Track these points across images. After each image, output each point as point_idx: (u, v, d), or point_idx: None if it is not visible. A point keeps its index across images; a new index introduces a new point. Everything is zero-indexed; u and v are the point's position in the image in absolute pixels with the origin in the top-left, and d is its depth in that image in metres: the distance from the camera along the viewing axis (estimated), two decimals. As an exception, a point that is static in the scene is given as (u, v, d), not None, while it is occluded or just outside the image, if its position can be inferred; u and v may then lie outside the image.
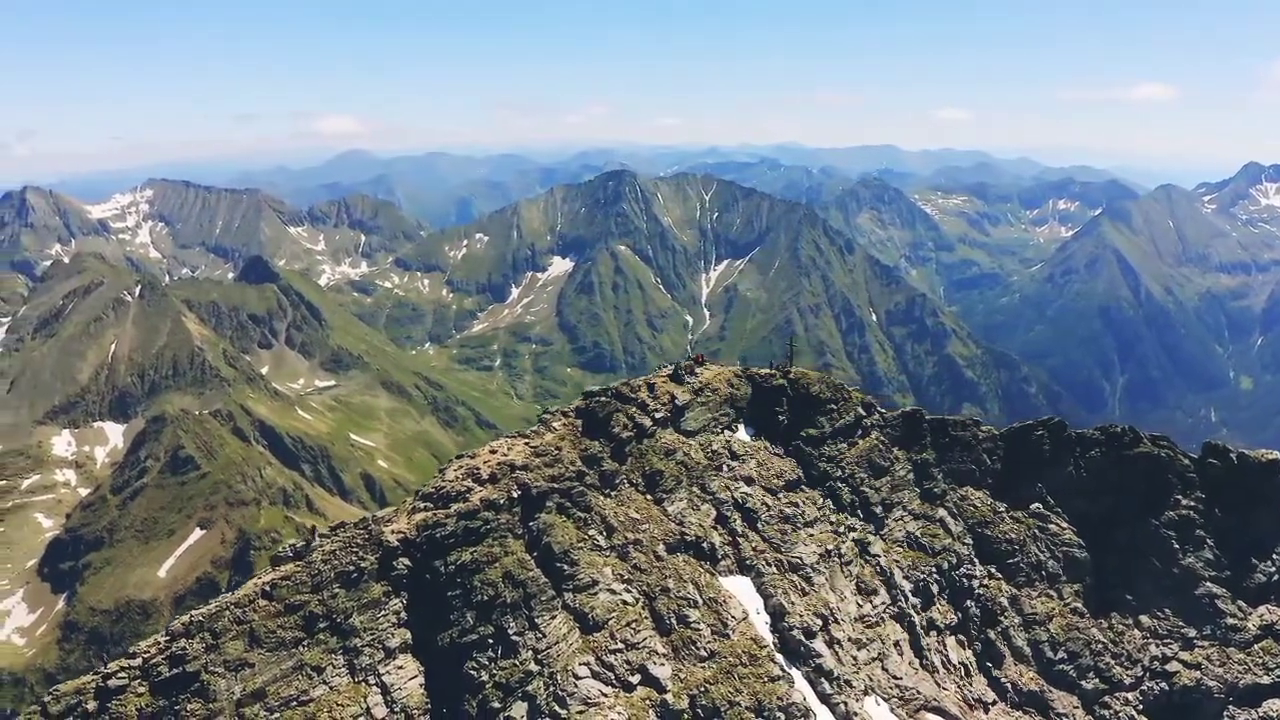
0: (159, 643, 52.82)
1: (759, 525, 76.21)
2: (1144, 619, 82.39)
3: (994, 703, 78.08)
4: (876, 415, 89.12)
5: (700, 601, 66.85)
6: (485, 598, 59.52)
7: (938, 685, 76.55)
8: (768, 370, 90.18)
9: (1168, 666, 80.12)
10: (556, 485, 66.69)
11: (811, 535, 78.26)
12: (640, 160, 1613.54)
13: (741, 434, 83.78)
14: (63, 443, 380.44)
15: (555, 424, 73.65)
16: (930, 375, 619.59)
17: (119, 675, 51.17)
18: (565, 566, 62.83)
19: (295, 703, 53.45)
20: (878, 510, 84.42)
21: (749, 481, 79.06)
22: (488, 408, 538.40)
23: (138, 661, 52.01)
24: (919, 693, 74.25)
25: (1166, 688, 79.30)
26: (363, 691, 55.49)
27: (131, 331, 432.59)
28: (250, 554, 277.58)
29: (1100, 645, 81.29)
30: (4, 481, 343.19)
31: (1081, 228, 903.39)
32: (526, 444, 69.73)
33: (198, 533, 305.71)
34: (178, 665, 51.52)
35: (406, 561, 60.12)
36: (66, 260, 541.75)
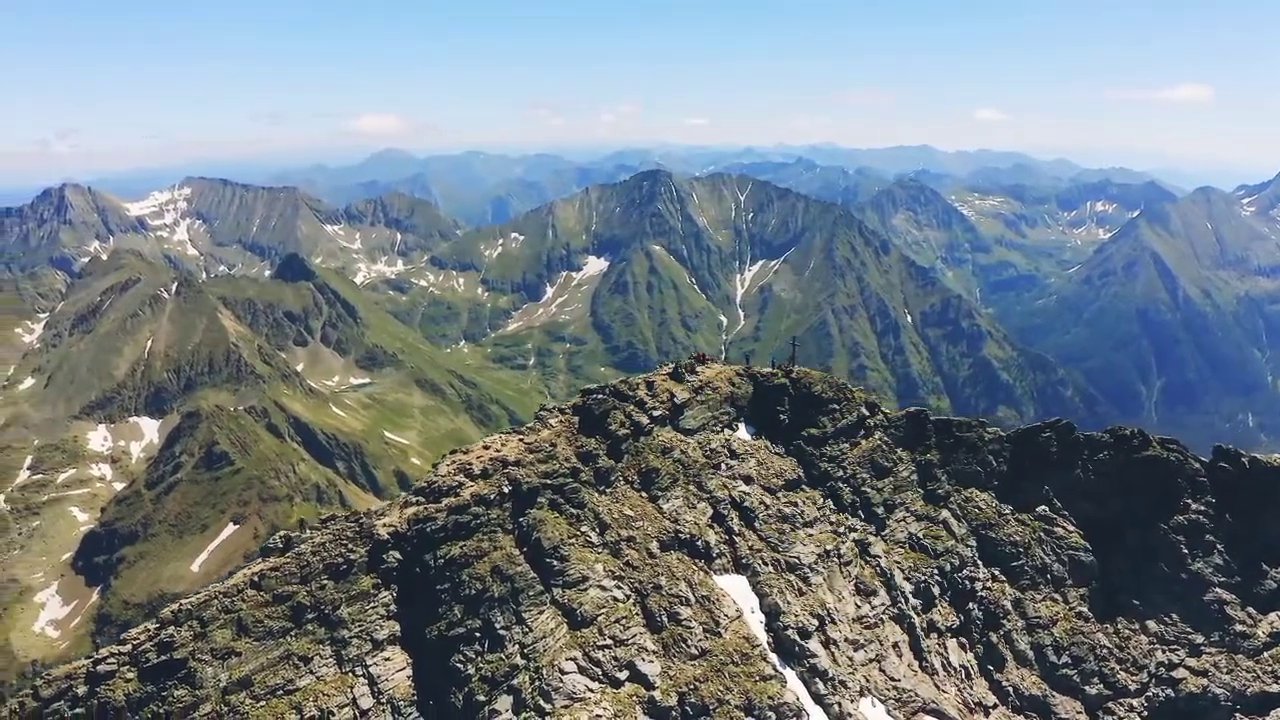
0: (148, 630, 53.79)
1: (756, 524, 76.08)
2: (1151, 624, 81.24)
3: (995, 706, 77.45)
4: (880, 415, 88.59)
5: (693, 599, 66.88)
6: (473, 592, 60.17)
7: (937, 688, 76.05)
8: (770, 369, 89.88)
9: (1174, 673, 78.88)
10: (549, 481, 67.11)
11: (810, 535, 78.01)
12: (675, 160, 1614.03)
13: (742, 433, 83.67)
14: (98, 438, 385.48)
15: (552, 421, 74.05)
16: (965, 377, 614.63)
17: (108, 661, 52.39)
18: (555, 562, 63.22)
19: (281, 691, 54.37)
20: (879, 511, 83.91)
21: (748, 480, 78.92)
22: (521, 406, 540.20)
23: (127, 648, 52.95)
24: (917, 695, 73.83)
25: (1172, 694, 78.15)
26: (349, 682, 56.25)
27: (168, 328, 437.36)
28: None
29: (1105, 650, 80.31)
30: (40, 475, 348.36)
31: (1119, 230, 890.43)
32: (521, 440, 70.18)
33: (231, 528, 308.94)
34: (165, 652, 52.65)
35: (397, 555, 60.87)
36: (104, 257, 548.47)
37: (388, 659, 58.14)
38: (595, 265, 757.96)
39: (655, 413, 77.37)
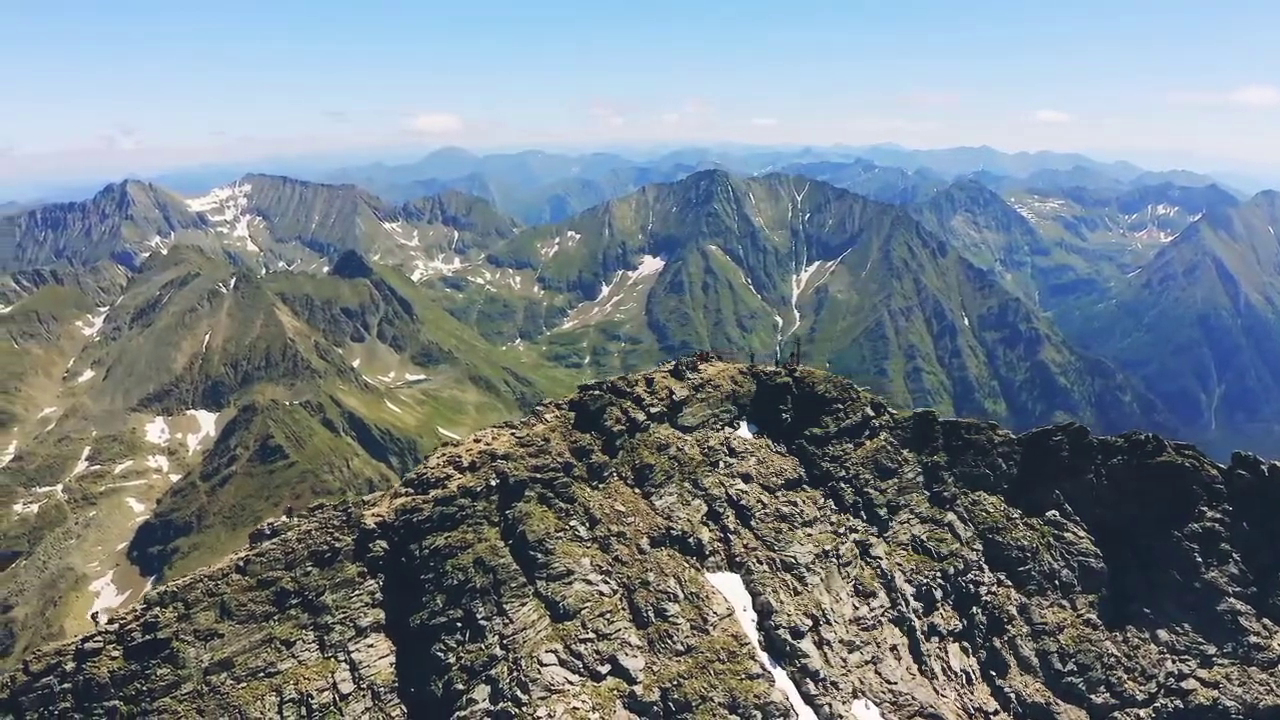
0: (135, 610, 55.15)
1: (752, 523, 75.84)
2: (1161, 633, 79.53)
3: (996, 713, 76.32)
4: (886, 416, 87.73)
5: (681, 596, 67.01)
6: (455, 582, 60.98)
7: (936, 692, 75.22)
8: (773, 368, 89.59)
9: (1184, 684, 77.25)
10: (539, 475, 67.65)
11: (809, 535, 77.60)
12: (734, 160, 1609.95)
13: (743, 431, 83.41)
14: (156, 429, 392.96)
15: (547, 416, 74.61)
16: (1022, 381, 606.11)
17: (95, 639, 53.96)
18: (539, 555, 63.77)
19: (262, 674, 55.64)
20: (882, 512, 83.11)
21: (746, 479, 78.67)
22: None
23: (114, 627, 54.47)
24: (914, 698, 73.13)
25: (1181, 706, 76.48)
26: (331, 667, 57.33)
27: (226, 322, 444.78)
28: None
29: (1113, 659, 78.80)
30: (98, 466, 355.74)
31: (1180, 234, 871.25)
32: (513, 434, 70.83)
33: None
34: (150, 632, 54.06)
35: (384, 544, 61.83)
36: (165, 252, 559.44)
37: (371, 645, 59.15)
38: (651, 264, 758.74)
39: (653, 409, 77.51)
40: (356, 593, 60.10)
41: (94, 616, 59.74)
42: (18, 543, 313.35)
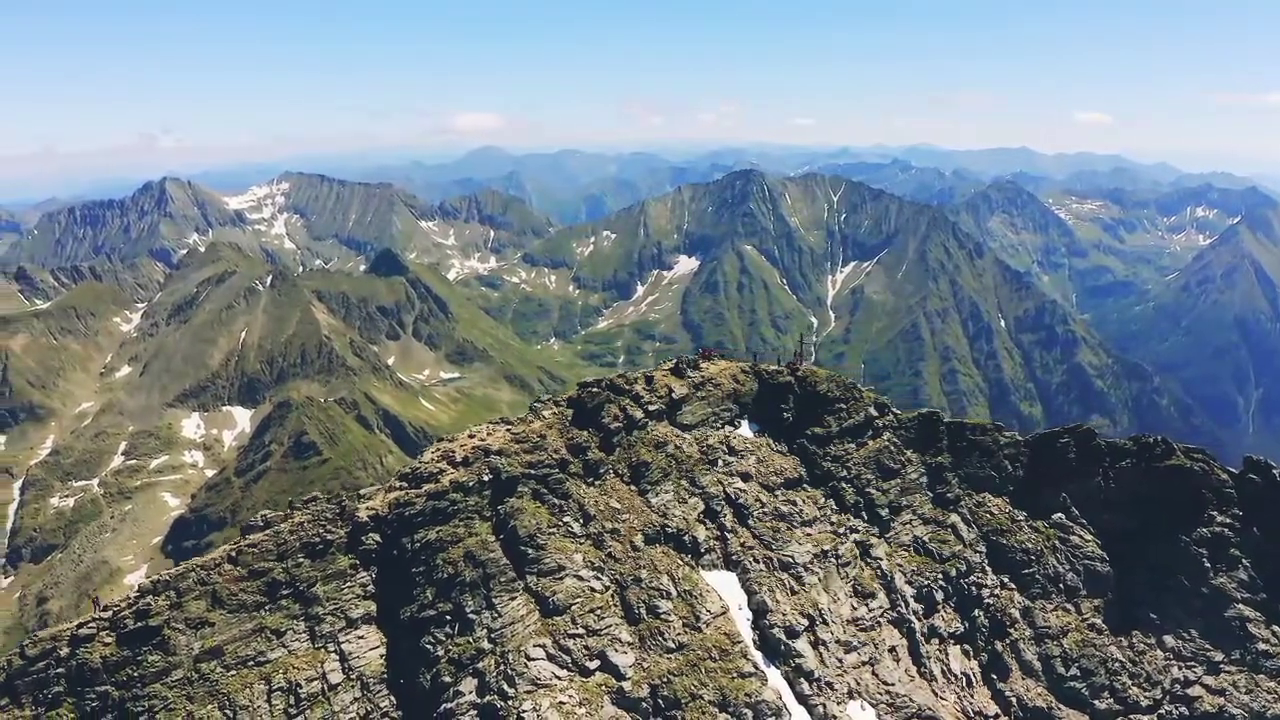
0: (129, 598, 56.16)
1: (750, 521, 75.78)
2: (1168, 639, 78.38)
3: (996, 716, 75.56)
4: (890, 416, 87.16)
5: (674, 593, 67.22)
6: (445, 575, 61.70)
7: (935, 695, 74.75)
8: (775, 366, 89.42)
9: (1189, 690, 76.13)
10: (533, 471, 68.06)
11: (808, 534, 77.40)
12: (771, 160, 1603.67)
13: (744, 430, 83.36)
14: (192, 425, 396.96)
15: (545, 412, 74.98)
16: (1059, 384, 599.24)
17: (90, 625, 55.13)
18: (530, 550, 64.24)
19: (252, 662, 56.70)
20: (883, 513, 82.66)
21: (745, 477, 78.60)
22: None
23: (108, 614, 55.49)
24: (912, 700, 72.73)
25: (1187, 713, 75.33)
26: (320, 657, 58.22)
27: (262, 319, 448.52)
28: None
29: (1118, 664, 77.84)
30: (134, 461, 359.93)
31: (1219, 236, 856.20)
32: (509, 430, 71.24)
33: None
34: (142, 619, 55.13)
35: (377, 537, 62.59)
36: (202, 250, 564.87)
37: (361, 637, 59.96)
38: (686, 264, 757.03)
39: (651, 407, 77.66)
40: (348, 584, 60.94)
41: (94, 600, 60.75)
42: (54, 536, 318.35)
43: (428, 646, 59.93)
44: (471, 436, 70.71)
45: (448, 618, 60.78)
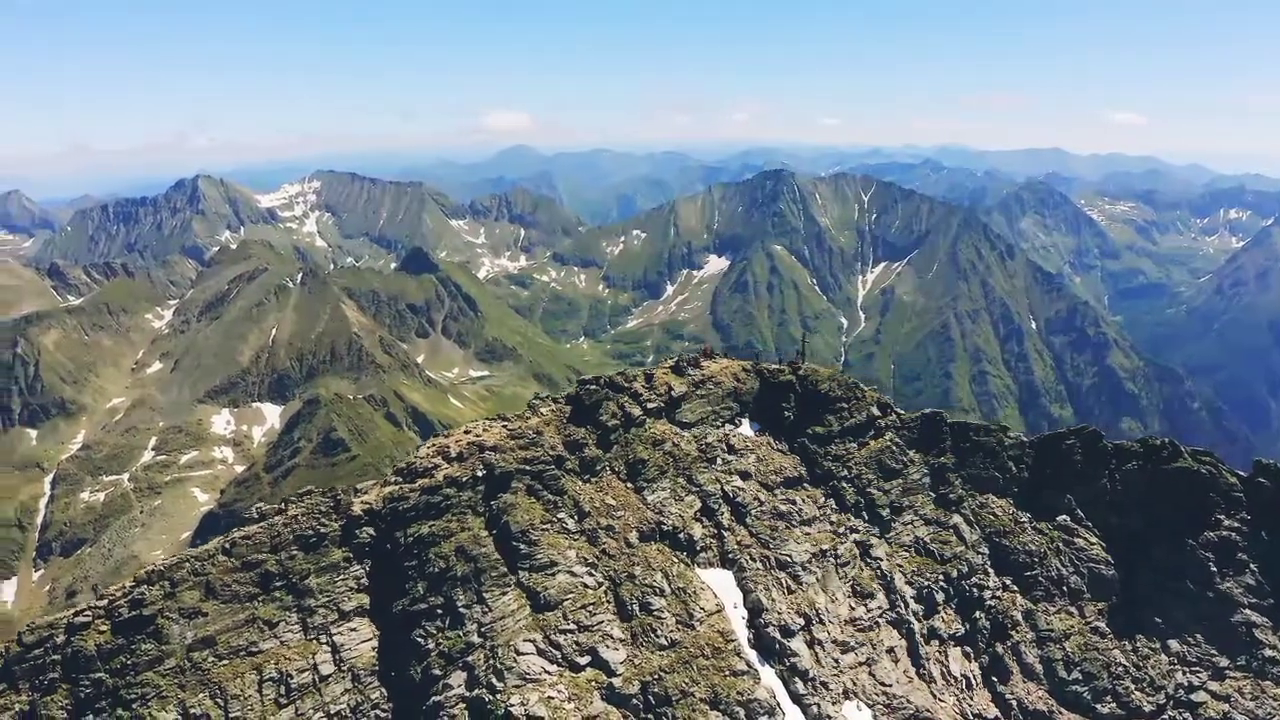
0: (125, 588, 57.02)
1: (748, 520, 75.85)
2: (1172, 644, 77.73)
3: (995, 719, 75.89)
4: (893, 416, 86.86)
5: (668, 590, 67.46)
6: (437, 569, 62.27)
7: (933, 696, 74.49)
8: (777, 365, 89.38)
9: (1194, 696, 75.44)
10: (528, 467, 68.42)
11: (807, 534, 77.35)
12: (801, 160, 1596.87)
13: (745, 429, 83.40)
14: (221, 421, 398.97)
15: (543, 409, 75.38)
16: (1089, 386, 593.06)
17: (85, 614, 56.13)
18: (522, 546, 64.62)
19: (244, 652, 57.48)
20: (884, 513, 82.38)
21: (744, 476, 78.63)
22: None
23: (104, 603, 56.40)
24: (909, 702, 72.54)
25: (1190, 718, 74.60)
26: (312, 649, 58.93)
27: (292, 317, 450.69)
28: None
29: (1121, 668, 77.25)
30: (164, 456, 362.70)
31: (1252, 238, 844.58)
32: (505, 427, 71.63)
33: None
34: (136, 608, 55.98)
35: (370, 531, 63.14)
36: (234, 247, 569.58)
37: (354, 629, 60.58)
38: (716, 264, 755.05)
39: (650, 405, 77.89)
40: (341, 577, 61.58)
41: (95, 588, 61.67)
42: (84, 530, 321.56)
43: (418, 640, 60.52)
44: (467, 432, 71.22)
45: (439, 612, 61.35)
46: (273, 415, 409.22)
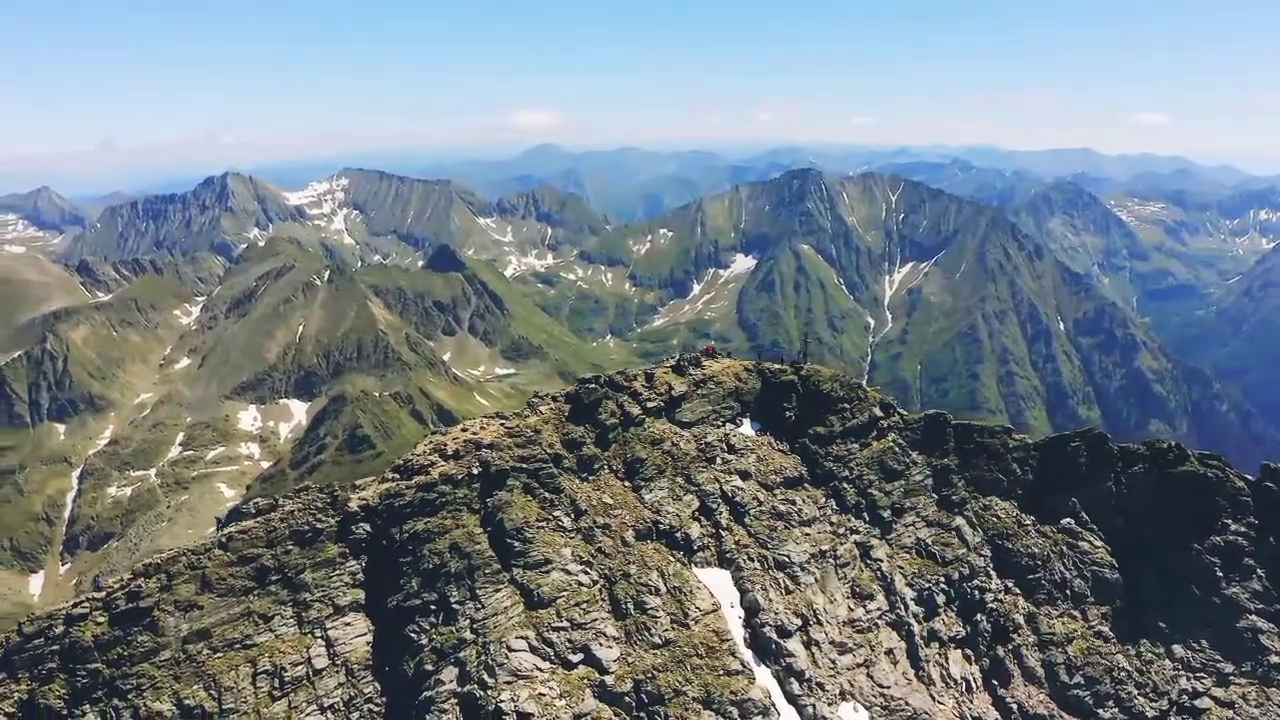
0: (123, 580, 57.93)
1: (746, 520, 75.88)
2: (1177, 649, 77.06)
3: (995, 722, 75.57)
4: (896, 417, 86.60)
5: (663, 589, 67.65)
6: (431, 566, 62.86)
7: (932, 699, 74.16)
8: (779, 365, 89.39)
9: (1198, 702, 74.70)
10: (525, 465, 68.85)
11: (806, 534, 77.25)
12: (830, 159, 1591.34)
13: (746, 428, 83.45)
14: (249, 417, 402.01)
15: (542, 408, 75.80)
16: (1117, 388, 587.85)
17: (83, 605, 57.16)
18: (516, 543, 65.06)
19: (239, 645, 58.31)
20: (885, 514, 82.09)
21: (744, 476, 78.67)
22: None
23: (102, 595, 57.34)
24: (907, 704, 72.26)
25: (1193, 725, 74.88)
26: (306, 642, 59.70)
27: (319, 314, 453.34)
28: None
29: (1124, 673, 76.54)
30: (191, 452, 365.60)
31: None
32: (502, 425, 72.12)
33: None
34: (133, 600, 56.95)
35: (367, 527, 63.84)
36: (262, 244, 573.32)
37: (348, 624, 61.28)
38: (743, 263, 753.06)
39: (649, 404, 78.13)
40: (337, 572, 62.27)
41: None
42: (111, 524, 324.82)
43: (412, 635, 61.15)
44: (464, 430, 71.74)
45: (432, 607, 61.95)
46: (299, 412, 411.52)
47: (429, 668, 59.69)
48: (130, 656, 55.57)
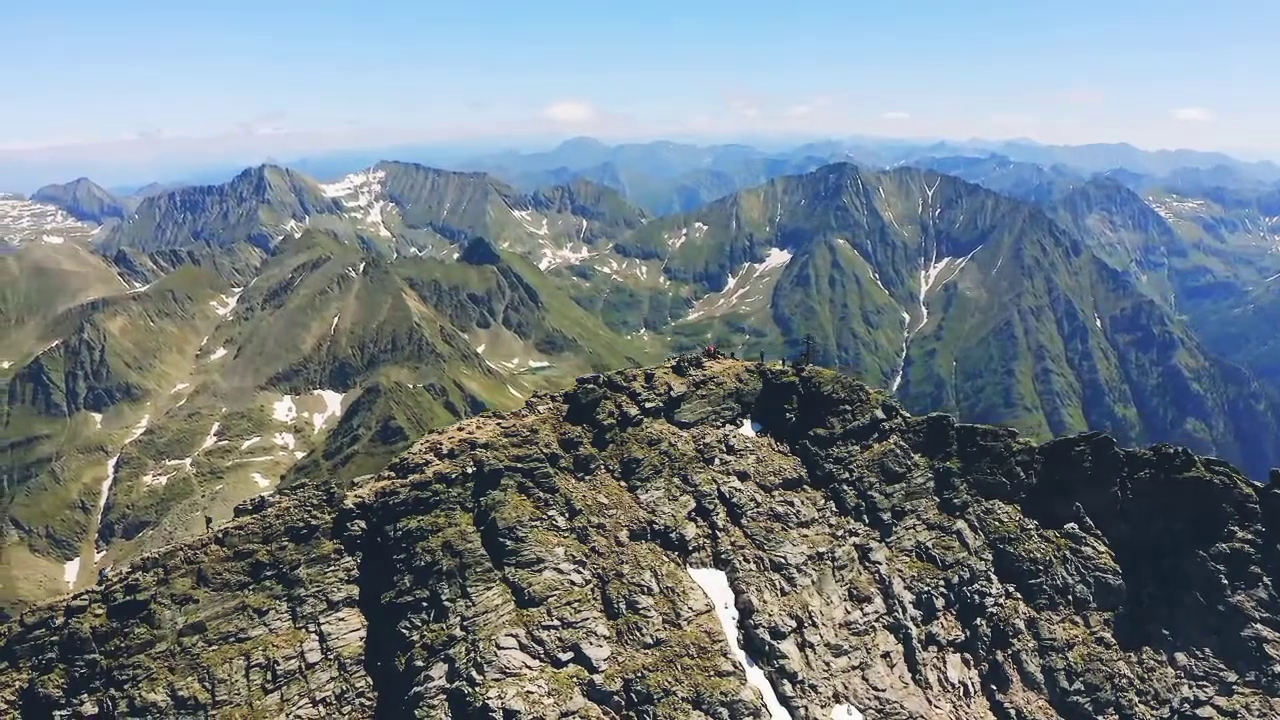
0: (121, 573, 59.28)
1: (743, 521, 76.14)
2: (1179, 656, 76.18)
3: (992, 727, 75.36)
4: (898, 419, 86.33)
5: (656, 589, 68.14)
6: (424, 563, 63.79)
7: (929, 702, 73.99)
8: (780, 366, 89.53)
9: (1200, 711, 73.92)
10: (520, 465, 69.56)
11: (804, 536, 77.31)
12: (866, 153, 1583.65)
13: (746, 429, 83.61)
14: (283, 408, 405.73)
15: (540, 408, 76.47)
16: (1154, 386, 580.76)
17: (83, 597, 58.58)
18: (509, 542, 65.84)
19: (233, 639, 59.55)
20: (885, 516, 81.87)
21: (742, 477, 78.87)
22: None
23: (101, 587, 58.81)
24: (902, 707, 72.24)
25: (1195, 734, 74.25)
26: (300, 637, 60.84)
27: (354, 306, 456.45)
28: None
29: (1125, 680, 75.79)
30: (226, 441, 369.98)
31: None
32: (498, 424, 72.87)
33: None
34: (131, 593, 58.31)
35: (362, 524, 64.88)
36: (298, 236, 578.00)
37: (342, 619, 62.36)
38: (778, 257, 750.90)
39: (648, 405, 78.55)
40: (331, 568, 63.36)
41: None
42: (146, 513, 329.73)
43: (404, 631, 62.12)
44: (460, 429, 72.58)
45: (424, 604, 62.87)
46: (333, 403, 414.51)
47: (419, 664, 60.60)
48: (127, 648, 56.92)
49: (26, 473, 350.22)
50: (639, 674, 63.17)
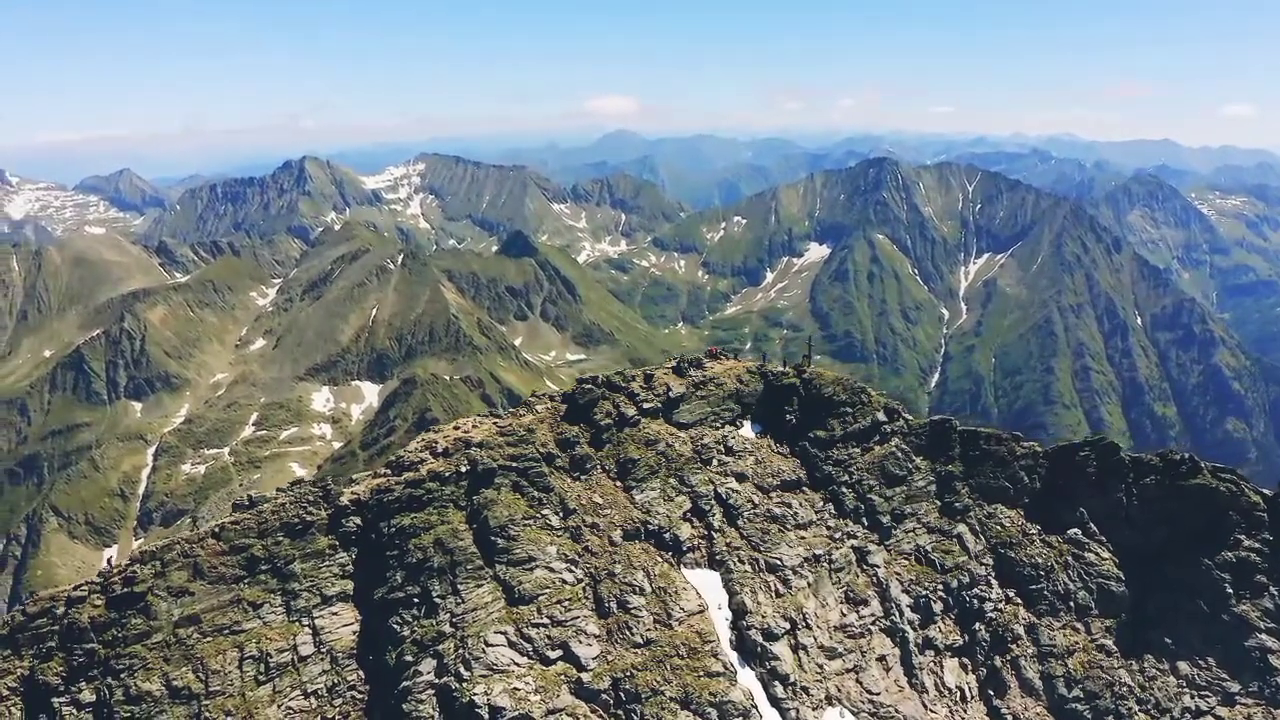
0: (120, 566, 61.00)
1: (739, 522, 76.45)
2: (1182, 665, 75.21)
3: (988, 733, 75.17)
4: (900, 422, 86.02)
5: (648, 589, 68.69)
6: (415, 560, 64.89)
7: (924, 707, 73.78)
8: (781, 367, 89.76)
9: (1201, 721, 74.41)
10: (515, 464, 70.39)
11: (801, 538, 77.42)
12: (907, 148, 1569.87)
13: (746, 430, 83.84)
14: (321, 398, 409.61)
15: (538, 407, 77.31)
16: (1194, 385, 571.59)
17: (83, 589, 60.30)
18: (500, 540, 66.72)
19: (228, 631, 61.13)
20: (885, 519, 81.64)
21: (740, 478, 79.12)
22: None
23: (100, 579, 60.40)
24: (897, 711, 72.20)
25: (1195, 744, 73.74)
26: (294, 630, 62.31)
27: (392, 297, 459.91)
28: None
29: (1125, 688, 75.02)
30: (264, 432, 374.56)
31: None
32: (494, 424, 73.79)
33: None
34: (128, 585, 60.01)
35: (357, 520, 66.15)
36: (338, 228, 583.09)
37: (335, 614, 63.72)
38: (816, 252, 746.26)
39: (646, 405, 79.11)
40: (326, 564, 64.74)
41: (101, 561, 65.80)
42: (184, 501, 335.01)
43: (395, 627, 63.30)
44: (456, 428, 73.61)
45: (415, 600, 63.99)
46: (371, 394, 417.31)
47: (409, 659, 61.73)
48: (124, 638, 58.69)
49: (66, 460, 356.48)
50: (628, 673, 63.77)
